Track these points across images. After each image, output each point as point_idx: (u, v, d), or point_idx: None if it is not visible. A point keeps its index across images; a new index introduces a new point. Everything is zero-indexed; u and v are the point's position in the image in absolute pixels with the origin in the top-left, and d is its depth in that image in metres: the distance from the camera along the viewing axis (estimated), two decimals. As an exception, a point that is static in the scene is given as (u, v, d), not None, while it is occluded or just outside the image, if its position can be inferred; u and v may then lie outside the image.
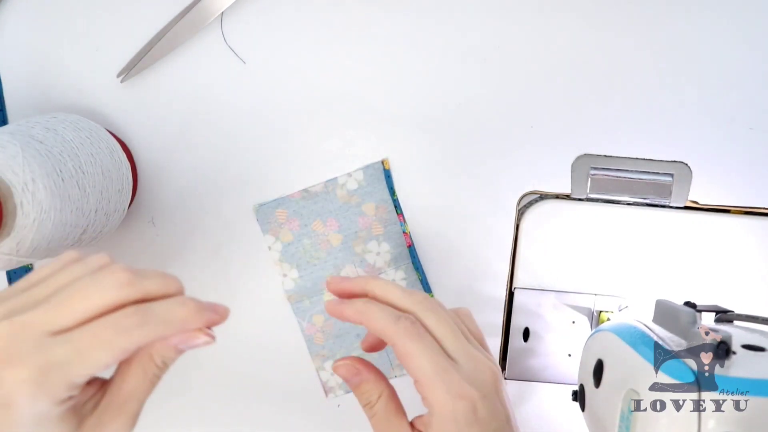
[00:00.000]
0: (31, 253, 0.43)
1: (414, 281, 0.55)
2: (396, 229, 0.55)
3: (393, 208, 0.55)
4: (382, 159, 0.55)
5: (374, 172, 0.55)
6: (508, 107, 0.55)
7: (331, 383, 0.56)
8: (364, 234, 0.55)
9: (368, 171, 0.55)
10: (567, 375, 0.55)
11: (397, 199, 0.55)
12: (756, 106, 0.54)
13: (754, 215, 0.54)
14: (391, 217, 0.55)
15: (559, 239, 0.55)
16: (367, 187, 0.55)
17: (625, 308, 0.55)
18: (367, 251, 0.55)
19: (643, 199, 0.55)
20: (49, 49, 0.55)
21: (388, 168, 0.55)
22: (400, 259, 0.55)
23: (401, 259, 0.55)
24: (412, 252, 0.55)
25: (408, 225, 0.55)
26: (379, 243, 0.55)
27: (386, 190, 0.55)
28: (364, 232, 0.55)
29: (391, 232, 0.55)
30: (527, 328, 0.56)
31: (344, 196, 0.55)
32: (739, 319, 0.42)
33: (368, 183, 0.55)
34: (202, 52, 0.55)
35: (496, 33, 0.54)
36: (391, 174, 0.55)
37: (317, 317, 0.56)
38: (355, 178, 0.55)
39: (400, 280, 0.55)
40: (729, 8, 0.54)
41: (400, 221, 0.55)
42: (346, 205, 0.55)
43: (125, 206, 0.53)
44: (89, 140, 0.49)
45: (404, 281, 0.55)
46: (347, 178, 0.55)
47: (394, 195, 0.55)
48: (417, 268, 0.55)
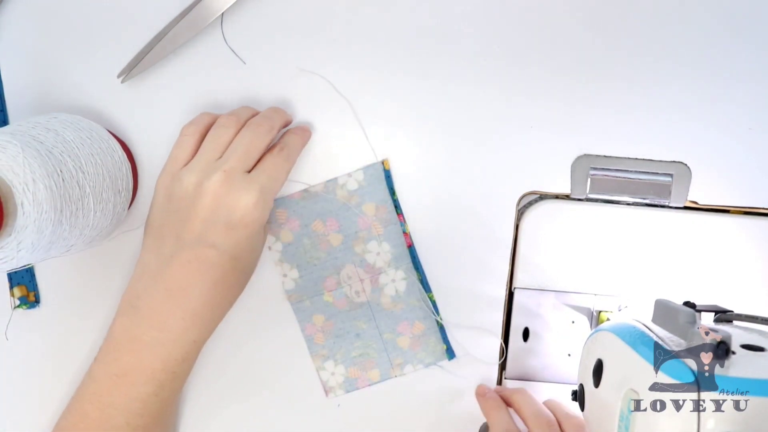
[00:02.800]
0: (31, 252, 0.43)
1: (414, 281, 0.55)
2: (396, 229, 0.55)
3: (393, 208, 0.55)
4: (382, 160, 0.55)
5: (374, 173, 0.55)
6: (508, 107, 0.55)
7: (331, 383, 0.56)
8: (364, 234, 0.55)
9: (368, 171, 0.55)
10: (567, 375, 0.55)
11: (397, 199, 0.55)
12: (756, 106, 0.54)
13: (754, 215, 0.55)
14: (391, 217, 0.55)
15: (559, 239, 0.55)
16: (367, 188, 0.55)
17: (625, 308, 0.55)
18: (367, 251, 0.55)
19: (643, 199, 0.55)
20: (49, 49, 0.55)
21: (388, 168, 0.55)
22: (400, 259, 0.55)
23: (401, 259, 0.55)
24: (412, 252, 0.55)
25: (408, 225, 0.55)
26: (379, 243, 0.55)
27: (386, 190, 0.55)
28: (364, 232, 0.55)
29: (391, 232, 0.55)
30: (527, 328, 0.56)
31: (344, 196, 0.55)
32: (738, 319, 0.42)
33: (368, 183, 0.55)
34: (203, 53, 0.55)
35: (496, 33, 0.54)
36: (391, 174, 0.55)
37: (317, 317, 0.56)
38: (355, 178, 0.55)
39: (400, 279, 0.55)
40: (729, 8, 0.54)
41: (400, 221, 0.55)
42: (346, 205, 0.55)
43: (125, 206, 0.53)
44: (89, 140, 0.49)
45: (404, 281, 0.55)
46: (347, 179, 0.55)
47: (394, 195, 0.55)
48: (417, 268, 0.55)
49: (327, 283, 0.56)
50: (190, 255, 0.48)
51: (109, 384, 0.49)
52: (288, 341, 0.56)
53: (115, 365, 0.49)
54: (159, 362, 0.48)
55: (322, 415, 0.57)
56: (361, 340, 0.56)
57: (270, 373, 0.56)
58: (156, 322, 0.48)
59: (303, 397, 0.56)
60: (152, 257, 0.50)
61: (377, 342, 0.56)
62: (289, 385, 0.56)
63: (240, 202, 0.48)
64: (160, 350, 0.48)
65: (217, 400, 0.57)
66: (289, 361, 0.56)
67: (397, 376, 0.56)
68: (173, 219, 0.49)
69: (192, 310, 0.48)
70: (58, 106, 0.55)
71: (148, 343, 0.48)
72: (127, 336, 0.49)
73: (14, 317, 0.56)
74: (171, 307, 0.48)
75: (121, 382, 0.48)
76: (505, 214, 0.55)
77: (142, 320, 0.48)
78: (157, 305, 0.48)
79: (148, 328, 0.48)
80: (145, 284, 0.49)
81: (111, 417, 0.48)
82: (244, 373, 0.57)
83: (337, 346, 0.56)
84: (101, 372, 0.49)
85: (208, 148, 0.50)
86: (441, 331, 0.56)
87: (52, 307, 0.56)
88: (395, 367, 0.56)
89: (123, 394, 0.48)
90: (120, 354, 0.49)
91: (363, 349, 0.56)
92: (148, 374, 0.48)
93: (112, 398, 0.48)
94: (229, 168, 0.48)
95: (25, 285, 0.56)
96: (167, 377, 0.49)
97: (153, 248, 0.50)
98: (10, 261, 0.43)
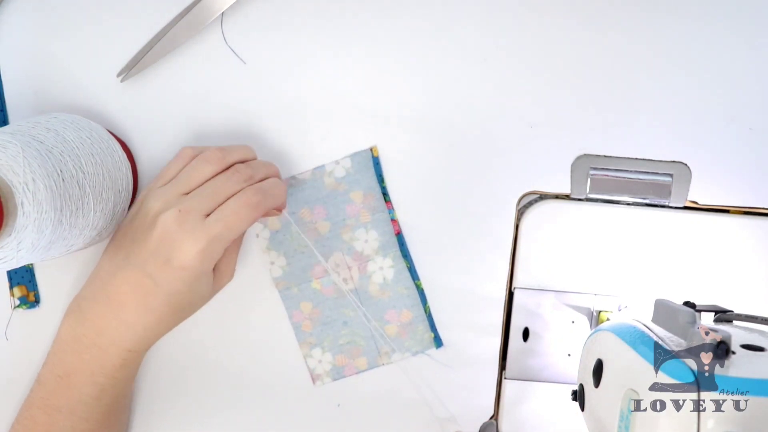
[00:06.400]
0: (31, 252, 0.43)
1: (402, 269, 0.55)
2: (384, 217, 0.55)
3: (381, 195, 0.55)
4: (370, 147, 0.55)
5: (362, 160, 0.55)
6: (508, 107, 0.55)
7: (318, 370, 0.56)
8: (352, 222, 0.55)
9: (356, 158, 0.55)
10: (566, 375, 0.55)
11: (385, 186, 0.55)
12: (756, 106, 0.54)
13: (754, 215, 0.55)
14: (379, 204, 0.55)
15: (559, 239, 0.55)
16: (355, 175, 0.55)
17: (625, 308, 0.55)
18: (355, 239, 0.56)
19: (643, 199, 0.55)
20: (49, 49, 0.55)
21: (377, 155, 0.55)
22: (388, 247, 0.55)
23: (389, 247, 0.55)
24: (400, 239, 0.55)
25: (397, 213, 0.55)
26: (367, 230, 0.55)
27: (374, 177, 0.55)
28: (352, 220, 0.55)
29: (379, 220, 0.55)
30: (527, 327, 0.56)
31: (332, 183, 0.55)
32: (738, 319, 0.42)
33: (356, 170, 0.55)
34: (202, 52, 0.55)
35: (496, 32, 0.54)
36: (380, 161, 0.55)
37: (305, 304, 0.56)
38: (343, 165, 0.55)
39: (387, 267, 0.55)
40: (729, 8, 0.54)
41: (388, 208, 0.55)
42: (334, 192, 0.55)
43: (125, 206, 0.53)
44: (89, 140, 0.49)
45: (392, 269, 0.55)
46: (335, 166, 0.55)
47: (383, 182, 0.55)
48: (405, 256, 0.55)
49: (315, 270, 0.56)
50: (132, 275, 0.48)
51: (55, 386, 0.50)
52: (275, 328, 0.56)
53: (60, 366, 0.50)
54: (98, 366, 0.49)
55: (308, 402, 0.57)
56: (348, 327, 0.56)
57: (257, 360, 0.56)
58: (96, 326, 0.49)
59: (290, 384, 0.56)
60: (106, 263, 0.51)
61: (364, 330, 0.56)
62: (276, 372, 0.56)
63: (183, 246, 0.47)
64: (99, 354, 0.49)
65: (202, 387, 0.57)
66: (277, 348, 0.56)
67: (385, 364, 0.56)
68: (130, 236, 0.50)
69: (126, 323, 0.49)
70: (58, 106, 0.55)
71: (88, 346, 0.49)
72: (71, 336, 0.50)
73: (14, 317, 0.56)
74: (108, 314, 0.49)
75: (64, 384, 0.49)
76: (505, 214, 0.55)
77: (84, 321, 0.50)
78: (99, 310, 0.49)
79: (88, 331, 0.49)
80: (93, 288, 0.50)
81: (57, 421, 0.50)
82: (230, 360, 0.56)
83: (325, 334, 0.56)
84: (47, 374, 0.50)
85: (182, 179, 0.50)
86: (429, 320, 0.56)
87: (52, 307, 0.56)
88: (383, 355, 0.56)
89: (67, 396, 0.50)
90: (64, 354, 0.50)
91: (350, 336, 0.56)
92: (88, 376, 0.49)
93: (57, 401, 0.50)
94: (185, 208, 0.47)
95: (25, 285, 0.56)
96: (108, 381, 0.50)
97: (109, 255, 0.51)
98: (10, 261, 0.43)
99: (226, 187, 0.48)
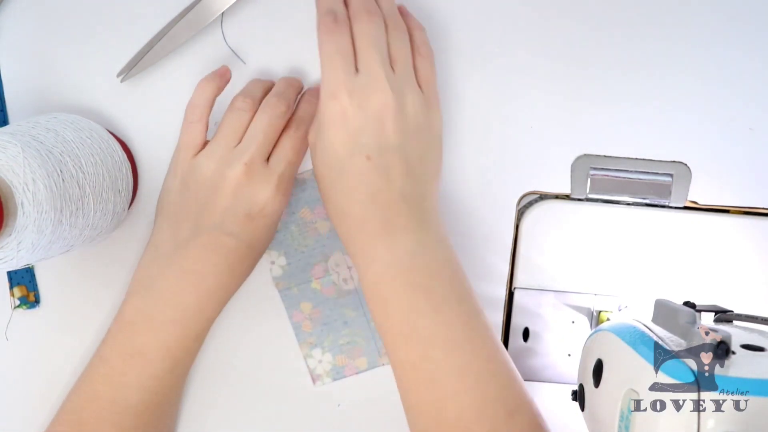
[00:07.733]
0: (31, 252, 0.43)
1: None
2: None
3: None
4: None
5: None
6: (508, 107, 0.55)
7: (319, 371, 0.56)
8: None
9: None
10: (566, 375, 0.55)
11: None
12: (756, 106, 0.54)
13: (754, 215, 0.55)
14: None
15: (559, 239, 0.55)
16: None
17: (625, 308, 0.55)
18: None
19: (643, 199, 0.55)
20: (49, 49, 0.55)
21: None
22: None
23: None
24: None
25: None
26: None
27: None
28: None
29: None
30: (527, 327, 0.56)
31: None
32: (738, 319, 0.42)
33: None
34: (203, 53, 0.55)
35: (496, 32, 0.54)
36: None
37: (305, 304, 0.56)
38: None
39: None
40: (729, 8, 0.54)
41: None
42: None
43: (125, 206, 0.53)
44: (89, 140, 0.49)
45: None
46: None
47: None
48: None
49: (315, 270, 0.56)
50: (208, 240, 0.49)
51: (122, 364, 0.49)
52: (275, 328, 0.56)
53: (129, 345, 0.49)
54: (174, 340, 0.49)
55: (308, 402, 0.56)
56: (348, 327, 0.56)
57: (257, 360, 0.56)
58: (171, 302, 0.49)
59: (290, 384, 0.56)
60: (166, 239, 0.51)
61: (365, 330, 0.56)
62: (276, 372, 0.56)
63: (260, 195, 0.49)
64: (176, 328, 0.49)
65: (202, 387, 0.56)
66: (277, 348, 0.56)
67: (385, 364, 0.56)
68: (191, 204, 0.50)
69: (206, 290, 0.49)
70: (58, 106, 0.55)
71: (164, 323, 0.49)
72: (140, 316, 0.50)
73: (14, 317, 0.56)
74: (186, 287, 0.49)
75: (135, 362, 0.49)
76: (505, 214, 0.55)
77: (157, 300, 0.49)
78: (172, 285, 0.49)
79: (163, 307, 0.49)
80: (160, 265, 0.50)
81: (125, 396, 0.49)
82: (230, 360, 0.56)
83: (325, 334, 0.56)
84: (113, 353, 0.50)
85: (226, 133, 0.50)
86: None
87: (52, 307, 0.56)
88: (383, 356, 0.56)
89: (137, 373, 0.49)
90: (133, 334, 0.50)
91: (350, 336, 0.56)
92: (164, 351, 0.49)
93: (126, 378, 0.49)
94: (249, 160, 0.49)
95: (25, 285, 0.56)
96: (182, 354, 0.50)
97: (167, 231, 0.51)
98: (10, 261, 0.43)
99: (273, 124, 0.50)
